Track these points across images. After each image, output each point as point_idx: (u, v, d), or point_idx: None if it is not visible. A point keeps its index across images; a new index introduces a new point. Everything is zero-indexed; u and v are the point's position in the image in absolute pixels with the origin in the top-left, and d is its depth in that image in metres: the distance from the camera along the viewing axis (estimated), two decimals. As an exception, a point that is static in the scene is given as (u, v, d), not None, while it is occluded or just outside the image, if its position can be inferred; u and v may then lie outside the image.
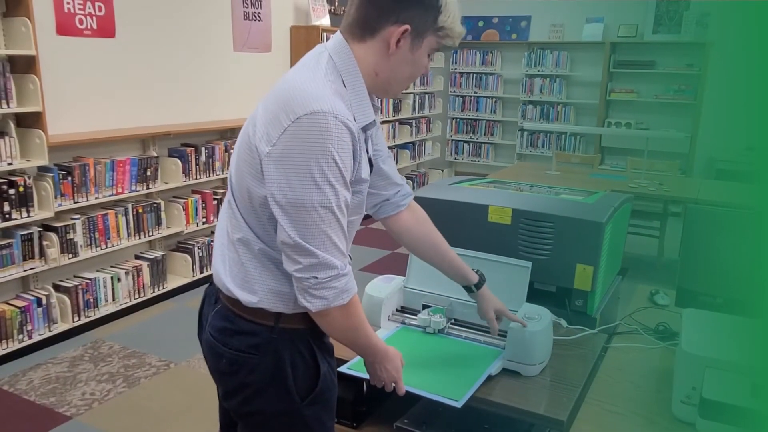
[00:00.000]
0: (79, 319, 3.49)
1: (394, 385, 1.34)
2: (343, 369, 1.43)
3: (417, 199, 1.92)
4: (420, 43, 1.21)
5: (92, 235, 3.52)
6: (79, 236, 3.43)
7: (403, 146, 7.01)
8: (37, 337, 3.27)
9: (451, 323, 1.66)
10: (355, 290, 1.21)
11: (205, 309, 1.36)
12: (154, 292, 3.94)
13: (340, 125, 1.11)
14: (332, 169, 1.11)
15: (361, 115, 1.20)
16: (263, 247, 1.20)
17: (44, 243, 3.27)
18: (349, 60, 1.21)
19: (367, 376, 1.36)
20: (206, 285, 1.40)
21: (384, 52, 1.20)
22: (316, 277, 1.13)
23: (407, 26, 1.17)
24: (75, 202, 3.40)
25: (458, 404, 1.30)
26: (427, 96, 7.28)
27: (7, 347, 3.15)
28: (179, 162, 3.99)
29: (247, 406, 1.25)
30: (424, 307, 1.70)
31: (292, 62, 5.31)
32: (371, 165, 1.29)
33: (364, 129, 1.22)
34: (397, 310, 1.74)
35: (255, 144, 1.15)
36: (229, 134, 4.61)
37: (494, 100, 7.59)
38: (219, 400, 1.44)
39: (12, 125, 3.11)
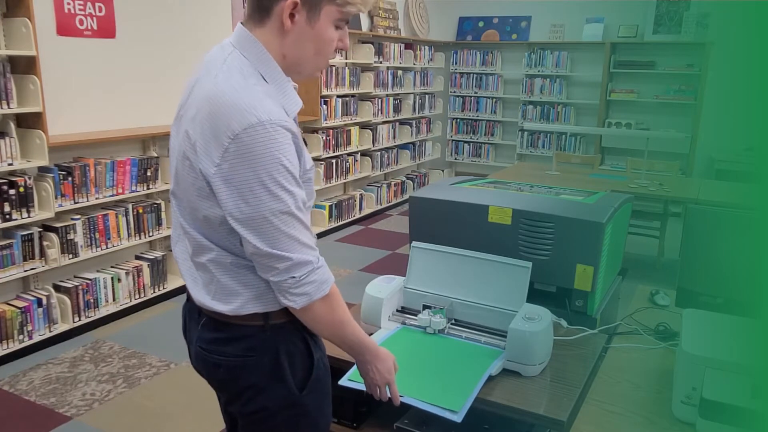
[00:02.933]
0: (80, 320, 3.49)
1: (388, 391, 1.33)
2: (343, 381, 1.43)
3: (418, 200, 1.93)
4: (317, 15, 1.15)
5: (92, 235, 3.52)
6: (79, 237, 3.43)
7: (404, 146, 7.02)
8: (37, 338, 3.27)
9: (452, 323, 1.66)
10: (333, 279, 1.21)
11: (188, 326, 1.35)
12: (154, 292, 3.94)
13: (280, 130, 1.09)
14: (283, 175, 1.10)
15: (290, 105, 1.19)
16: (234, 259, 1.19)
17: (44, 243, 3.27)
18: (260, 51, 1.17)
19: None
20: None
21: (282, 31, 1.16)
22: (294, 276, 1.14)
23: None
24: (75, 203, 3.40)
25: (458, 417, 1.29)
26: (427, 96, 7.28)
27: (8, 347, 3.15)
28: (179, 162, 3.98)
29: (249, 406, 1.25)
30: (425, 307, 1.70)
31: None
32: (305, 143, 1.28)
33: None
34: (397, 311, 1.74)
35: (198, 167, 1.13)
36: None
37: (494, 100, 7.59)
38: (221, 405, 1.44)
39: (12, 126, 3.11)
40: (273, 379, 1.23)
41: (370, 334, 1.62)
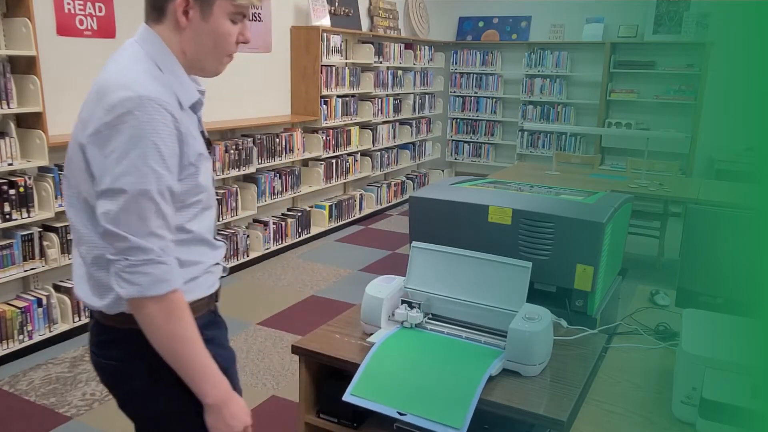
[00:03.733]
0: (80, 320, 3.49)
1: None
2: (346, 397, 1.43)
3: (418, 200, 1.93)
4: (210, 10, 1.17)
5: (92, 235, 3.51)
6: (79, 236, 3.42)
7: (404, 146, 7.02)
8: (37, 338, 3.27)
9: (429, 318, 1.67)
10: (177, 286, 1.11)
11: (90, 331, 1.33)
12: (154, 292, 3.94)
13: (158, 108, 1.09)
14: (151, 153, 1.08)
15: (184, 95, 1.19)
16: None
17: (44, 243, 3.27)
18: (158, 44, 1.18)
19: (373, 406, 1.35)
20: None
21: (178, 28, 1.18)
22: (127, 259, 1.07)
23: None
24: (75, 203, 3.40)
25: None
26: (427, 96, 7.28)
27: (8, 347, 3.15)
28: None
29: (141, 412, 1.24)
30: (403, 302, 1.70)
31: (292, 62, 5.32)
32: (209, 144, 1.26)
33: (193, 108, 1.23)
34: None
35: (81, 143, 1.13)
36: (229, 134, 4.61)
37: (494, 100, 7.59)
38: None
39: (12, 126, 3.11)
40: (158, 383, 1.19)
41: (370, 334, 1.62)
